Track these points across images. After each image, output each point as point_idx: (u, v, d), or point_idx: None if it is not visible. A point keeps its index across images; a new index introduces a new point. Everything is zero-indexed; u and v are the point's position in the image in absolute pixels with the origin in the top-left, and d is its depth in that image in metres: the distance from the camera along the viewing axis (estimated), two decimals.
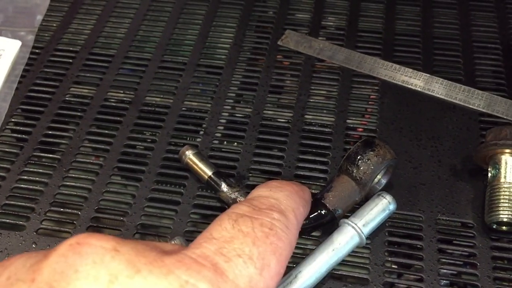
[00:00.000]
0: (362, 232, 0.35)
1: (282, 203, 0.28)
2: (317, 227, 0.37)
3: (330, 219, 0.37)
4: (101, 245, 0.22)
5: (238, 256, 0.24)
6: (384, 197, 0.36)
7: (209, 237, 0.25)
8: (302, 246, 0.37)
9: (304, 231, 0.37)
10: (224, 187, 0.39)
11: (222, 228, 0.25)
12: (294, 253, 0.37)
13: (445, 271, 0.36)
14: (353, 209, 0.37)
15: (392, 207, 0.36)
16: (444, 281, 0.36)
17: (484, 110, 0.45)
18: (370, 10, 0.55)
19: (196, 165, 0.40)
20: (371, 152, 0.37)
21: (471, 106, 0.46)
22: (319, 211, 0.37)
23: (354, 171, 0.37)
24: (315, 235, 0.38)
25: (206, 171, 0.40)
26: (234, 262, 0.24)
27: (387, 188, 0.39)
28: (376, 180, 0.38)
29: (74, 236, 0.23)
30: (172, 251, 0.24)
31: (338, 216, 0.37)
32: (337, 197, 0.37)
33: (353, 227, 0.35)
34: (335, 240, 0.35)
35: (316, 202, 0.37)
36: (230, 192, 0.39)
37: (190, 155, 0.40)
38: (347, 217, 0.36)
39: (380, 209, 0.36)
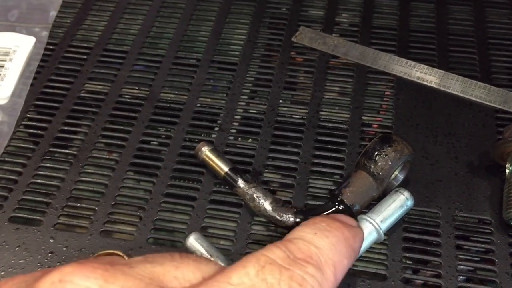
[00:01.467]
0: (380, 228, 0.35)
1: (323, 254, 0.24)
2: None
3: (348, 215, 0.36)
4: (86, 285, 0.20)
5: None
6: (402, 193, 0.36)
7: (227, 281, 0.21)
8: None
9: None
10: (240, 183, 0.39)
11: (245, 273, 0.22)
12: None
13: (463, 267, 0.36)
14: (370, 205, 0.37)
15: (410, 203, 0.36)
16: (462, 276, 0.36)
17: (500, 107, 0.45)
18: (384, 7, 0.55)
19: (213, 161, 0.40)
20: (389, 148, 0.37)
21: (487, 103, 0.46)
22: (337, 207, 0.37)
23: (372, 166, 0.37)
24: None
25: (223, 167, 0.40)
26: None
27: (404, 184, 0.39)
28: (393, 175, 0.38)
29: (58, 270, 0.20)
30: None
31: (356, 212, 0.37)
32: (355, 193, 0.37)
33: (371, 222, 0.35)
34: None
35: (334, 198, 0.37)
36: (247, 188, 0.39)
37: (206, 151, 0.40)
38: (364, 213, 0.36)
39: (398, 205, 0.36)
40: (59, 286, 0.20)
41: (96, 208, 0.39)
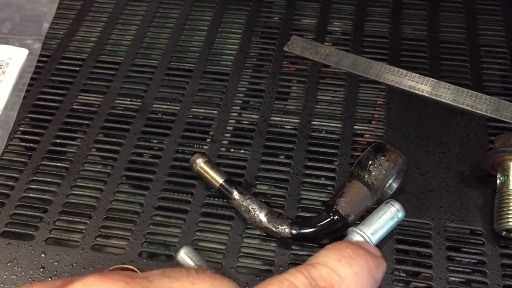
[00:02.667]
0: (371, 241, 0.35)
1: (345, 283, 0.24)
2: (330, 234, 0.37)
3: (343, 225, 0.37)
4: None
5: None
6: (393, 205, 0.36)
7: None
8: (311, 255, 0.37)
9: (316, 239, 0.37)
10: (235, 194, 0.39)
11: None
12: (303, 262, 0.37)
13: (454, 279, 0.36)
14: (362, 216, 0.37)
15: (400, 215, 0.36)
16: None
17: (491, 115, 0.45)
18: (376, 15, 0.55)
19: (207, 173, 0.40)
20: (382, 157, 0.37)
21: (478, 111, 0.46)
22: (331, 217, 0.37)
23: (366, 176, 0.37)
24: (323, 243, 0.38)
25: (218, 179, 0.40)
26: None
27: (398, 193, 0.39)
28: (387, 184, 0.38)
29: (81, 280, 0.21)
30: None
31: (351, 222, 0.37)
32: (350, 203, 0.37)
33: (361, 235, 0.35)
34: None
35: (328, 208, 0.37)
36: (242, 200, 0.39)
37: (200, 163, 0.40)
38: (355, 225, 0.36)
39: (388, 217, 0.36)
40: None
41: (88, 222, 0.39)
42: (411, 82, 0.48)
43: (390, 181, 0.39)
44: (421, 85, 0.48)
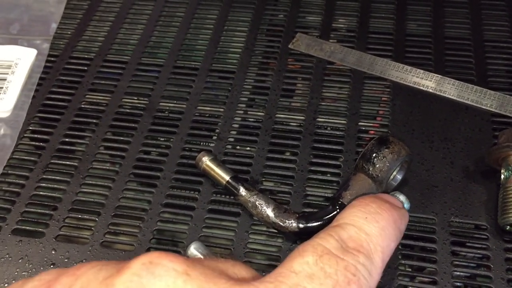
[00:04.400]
0: None
1: (373, 240, 0.26)
2: None
3: None
4: (174, 268, 0.22)
5: None
6: (398, 197, 0.37)
7: (289, 269, 0.24)
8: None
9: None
10: (242, 191, 0.39)
11: (305, 262, 0.24)
12: None
13: (458, 273, 0.36)
14: None
15: (406, 206, 0.36)
16: (458, 283, 0.36)
17: (496, 111, 0.45)
18: (380, 11, 0.55)
19: (214, 170, 0.41)
20: (386, 149, 0.38)
21: (483, 107, 0.46)
22: (338, 211, 0.37)
23: (370, 169, 0.37)
24: None
25: (224, 176, 0.40)
26: None
27: (402, 184, 0.40)
28: (392, 176, 0.39)
29: (146, 254, 0.23)
30: (243, 280, 0.23)
31: None
32: (355, 196, 0.37)
33: None
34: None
35: (334, 202, 0.37)
36: (249, 196, 0.39)
37: (207, 161, 0.41)
38: None
39: None
40: (150, 266, 0.22)
41: (97, 219, 0.40)
42: (415, 78, 0.48)
43: (394, 173, 0.39)
44: (426, 81, 0.48)
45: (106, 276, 0.22)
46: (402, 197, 0.37)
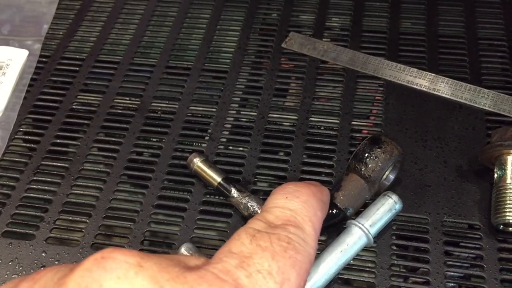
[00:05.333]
0: (370, 233, 0.35)
1: (298, 213, 0.28)
2: (329, 227, 0.37)
3: (342, 219, 0.37)
4: (125, 260, 0.22)
5: (258, 271, 0.24)
6: (390, 197, 0.36)
7: (228, 251, 0.25)
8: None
9: None
10: (234, 192, 0.39)
11: (241, 243, 0.26)
12: None
13: (451, 273, 0.36)
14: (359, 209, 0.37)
15: (398, 206, 0.36)
16: (451, 283, 0.36)
17: (490, 109, 0.45)
18: (374, 10, 0.55)
19: (205, 172, 0.40)
20: (378, 149, 0.37)
21: (477, 105, 0.46)
22: (330, 211, 0.37)
23: (363, 169, 0.37)
24: (321, 239, 0.38)
25: (216, 178, 0.40)
26: (255, 278, 0.24)
27: (395, 184, 0.39)
28: (384, 176, 0.38)
29: (100, 251, 0.23)
30: (195, 267, 0.24)
31: (350, 215, 0.37)
32: (348, 196, 0.37)
33: (360, 227, 0.35)
34: (342, 241, 0.35)
35: None
36: (241, 198, 0.39)
37: (198, 163, 0.41)
38: (352, 218, 0.36)
39: (386, 209, 0.36)
40: (102, 261, 0.22)
41: (88, 221, 0.40)
42: (409, 77, 0.48)
43: (387, 172, 0.39)
44: (419, 80, 0.48)
45: (61, 276, 0.23)
46: (394, 197, 0.36)
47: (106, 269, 0.22)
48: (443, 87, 0.47)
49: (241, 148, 0.44)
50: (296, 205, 0.28)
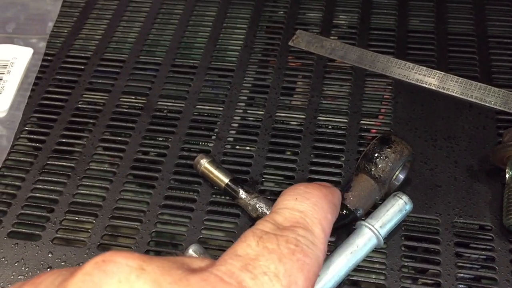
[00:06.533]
0: (380, 234, 0.34)
1: (307, 215, 0.27)
2: (339, 229, 0.37)
3: (352, 220, 0.36)
4: (127, 263, 0.22)
5: (264, 273, 0.23)
6: (400, 198, 0.36)
7: (234, 254, 0.24)
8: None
9: None
10: (242, 194, 0.39)
11: (247, 245, 0.25)
12: None
13: (462, 275, 0.36)
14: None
15: (408, 207, 0.36)
16: (462, 285, 0.35)
17: (501, 108, 0.44)
18: (382, 7, 0.54)
19: (212, 173, 0.40)
20: (388, 149, 0.37)
21: (487, 104, 0.45)
22: (340, 212, 0.36)
23: (373, 169, 0.37)
24: (330, 240, 0.38)
25: (223, 179, 0.39)
26: (260, 280, 0.23)
27: (405, 185, 0.39)
28: (394, 176, 0.38)
29: (101, 254, 0.23)
30: (198, 269, 0.23)
31: (360, 216, 0.36)
32: (357, 197, 0.37)
33: (370, 228, 0.35)
34: (353, 242, 0.34)
35: None
36: (249, 199, 0.38)
37: (205, 164, 0.40)
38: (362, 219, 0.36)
39: (396, 209, 0.36)
40: (103, 265, 0.22)
41: (94, 221, 0.40)
42: (418, 75, 0.47)
43: (397, 172, 0.38)
44: (429, 78, 0.47)
45: (61, 280, 0.22)
46: (404, 198, 0.36)
47: (107, 273, 0.22)
48: (452, 85, 0.46)
49: (248, 148, 0.44)
50: (306, 207, 0.28)
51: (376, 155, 0.37)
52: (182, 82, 0.49)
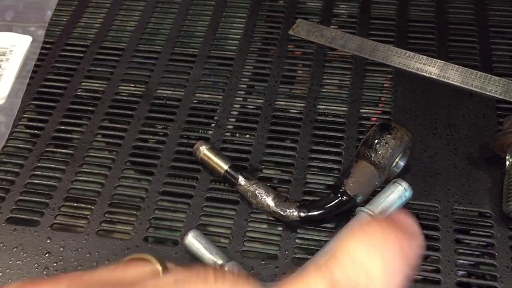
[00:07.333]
0: None
1: (373, 279, 0.21)
2: (338, 215, 0.37)
3: (352, 206, 0.36)
4: None
5: None
6: (400, 184, 0.36)
7: None
8: (317, 238, 0.37)
9: (325, 221, 0.37)
10: (241, 180, 0.38)
11: None
12: (309, 246, 0.37)
13: (462, 261, 0.35)
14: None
15: (408, 194, 0.36)
16: (461, 271, 0.35)
17: (501, 97, 0.44)
18: None
19: (211, 160, 0.40)
20: (388, 136, 0.37)
21: (487, 93, 0.45)
22: (340, 198, 0.36)
23: (373, 155, 0.37)
24: (329, 227, 0.37)
25: (222, 166, 0.39)
26: None
27: (405, 172, 0.39)
28: (394, 163, 0.38)
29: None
30: None
31: (359, 202, 0.36)
32: (357, 183, 0.37)
33: (370, 215, 0.35)
34: (352, 228, 0.34)
35: (336, 189, 0.37)
36: (248, 185, 0.38)
37: (204, 151, 0.40)
38: (362, 205, 0.36)
39: (396, 196, 0.36)
40: None
41: (93, 207, 0.39)
42: (418, 64, 0.47)
43: (397, 159, 0.38)
44: (429, 67, 0.47)
45: None
46: (404, 184, 0.36)
47: None
48: (453, 74, 0.46)
49: (248, 136, 0.44)
50: (375, 267, 0.21)
51: (376, 141, 0.37)
52: (181, 70, 0.49)
